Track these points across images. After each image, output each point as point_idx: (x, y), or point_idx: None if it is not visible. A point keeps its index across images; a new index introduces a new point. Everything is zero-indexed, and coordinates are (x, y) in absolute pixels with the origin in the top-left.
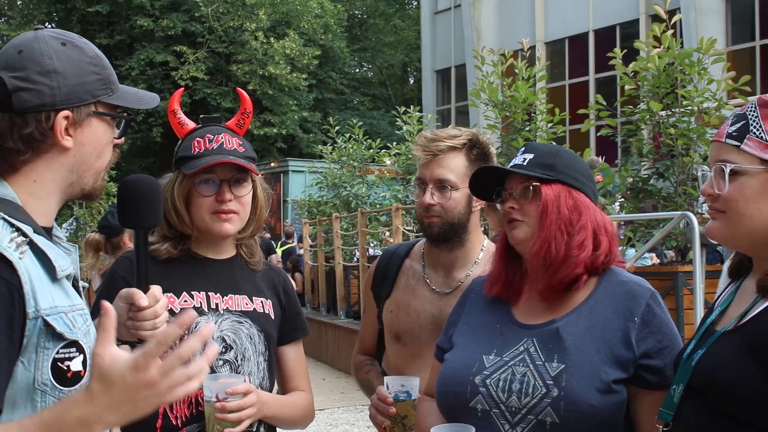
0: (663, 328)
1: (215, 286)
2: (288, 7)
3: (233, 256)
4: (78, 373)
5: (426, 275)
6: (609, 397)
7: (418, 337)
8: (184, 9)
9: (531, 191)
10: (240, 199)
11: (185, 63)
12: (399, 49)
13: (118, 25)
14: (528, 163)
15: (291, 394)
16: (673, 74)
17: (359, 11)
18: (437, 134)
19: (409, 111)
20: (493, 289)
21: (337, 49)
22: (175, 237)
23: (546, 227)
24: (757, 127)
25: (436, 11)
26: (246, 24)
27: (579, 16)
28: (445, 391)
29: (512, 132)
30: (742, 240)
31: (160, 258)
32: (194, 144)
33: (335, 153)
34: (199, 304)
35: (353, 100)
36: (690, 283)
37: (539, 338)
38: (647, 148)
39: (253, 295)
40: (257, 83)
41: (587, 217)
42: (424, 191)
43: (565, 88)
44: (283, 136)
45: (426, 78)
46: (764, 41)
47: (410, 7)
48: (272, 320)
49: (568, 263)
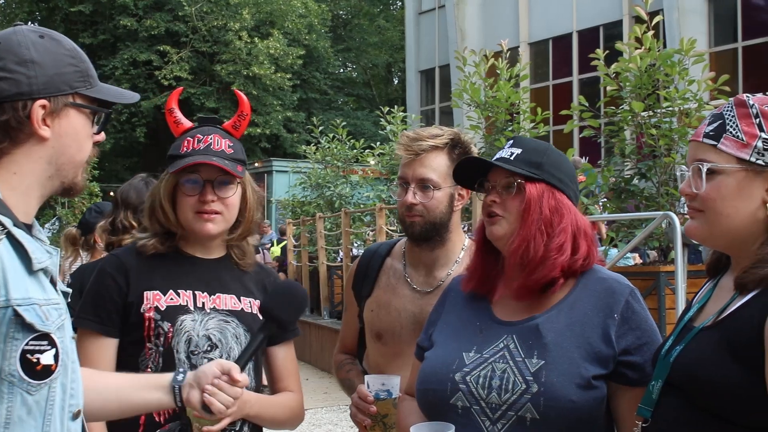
0: (642, 325)
1: (203, 284)
2: (272, 7)
3: (223, 256)
4: (48, 367)
5: (407, 274)
6: (589, 393)
7: (398, 336)
8: (167, 9)
9: (515, 187)
10: (225, 200)
11: (169, 63)
12: (383, 50)
13: (102, 24)
14: (515, 158)
15: (279, 394)
16: (654, 75)
17: (343, 11)
18: (419, 134)
19: (393, 111)
20: (469, 284)
21: (322, 49)
22: (162, 233)
23: (527, 226)
24: (733, 127)
25: (420, 11)
26: (230, 24)
27: (562, 17)
28: (425, 388)
29: (495, 132)
30: (720, 239)
31: (147, 253)
32: (184, 143)
33: (319, 153)
34: (185, 302)
35: (337, 100)
36: (672, 282)
37: (519, 335)
38: (629, 149)
39: (241, 294)
40: (241, 83)
41: (568, 219)
42: (407, 191)
43: (549, 89)
44: (267, 136)
45: (410, 78)
46: (747, 42)
47: (394, 7)
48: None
49: (545, 265)
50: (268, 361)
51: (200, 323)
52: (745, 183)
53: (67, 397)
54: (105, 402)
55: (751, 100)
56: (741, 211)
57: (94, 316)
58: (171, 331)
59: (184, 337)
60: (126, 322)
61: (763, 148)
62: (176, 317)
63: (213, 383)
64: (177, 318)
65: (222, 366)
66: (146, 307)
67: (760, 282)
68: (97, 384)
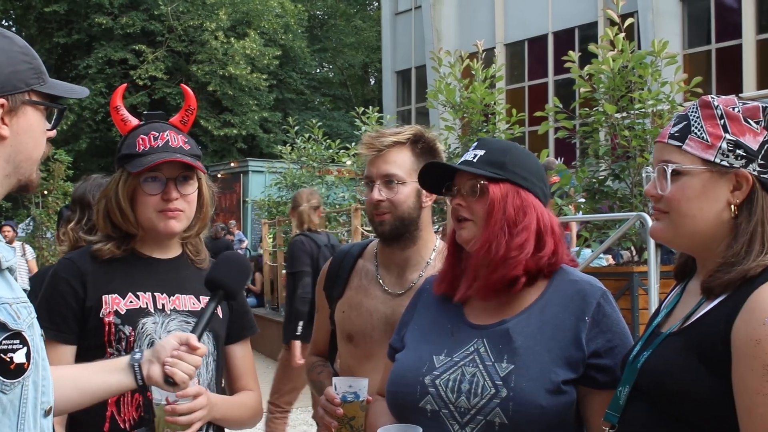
0: (614, 327)
1: (161, 286)
2: (248, 7)
3: (179, 255)
4: (21, 366)
5: (379, 275)
6: (558, 398)
7: (370, 338)
8: (143, 8)
9: (479, 190)
10: (186, 197)
11: (144, 62)
12: (360, 50)
13: (77, 23)
14: (478, 160)
15: (239, 394)
16: (627, 77)
17: (320, 11)
18: (381, 131)
19: (368, 112)
20: (441, 286)
21: (298, 50)
22: (119, 237)
23: (490, 227)
24: (698, 128)
25: (396, 12)
26: (206, 23)
27: (538, 18)
28: (395, 391)
29: (470, 133)
30: (684, 240)
31: (103, 258)
32: (138, 141)
33: (294, 153)
34: (145, 305)
35: (314, 100)
36: (645, 283)
37: (489, 339)
38: (603, 150)
39: (200, 294)
40: (217, 83)
41: (531, 217)
42: (372, 189)
43: (524, 90)
44: (243, 136)
45: (386, 79)
46: (720, 44)
47: (371, 8)
48: (220, 319)
49: (506, 264)
50: (226, 360)
51: (161, 325)
52: (709, 184)
53: (39, 394)
54: (63, 392)
55: (715, 101)
56: (706, 213)
57: (49, 323)
58: (133, 335)
59: (147, 340)
60: (84, 328)
61: (728, 149)
62: (137, 320)
63: (173, 354)
64: (138, 321)
65: (179, 337)
66: (105, 312)
67: (726, 286)
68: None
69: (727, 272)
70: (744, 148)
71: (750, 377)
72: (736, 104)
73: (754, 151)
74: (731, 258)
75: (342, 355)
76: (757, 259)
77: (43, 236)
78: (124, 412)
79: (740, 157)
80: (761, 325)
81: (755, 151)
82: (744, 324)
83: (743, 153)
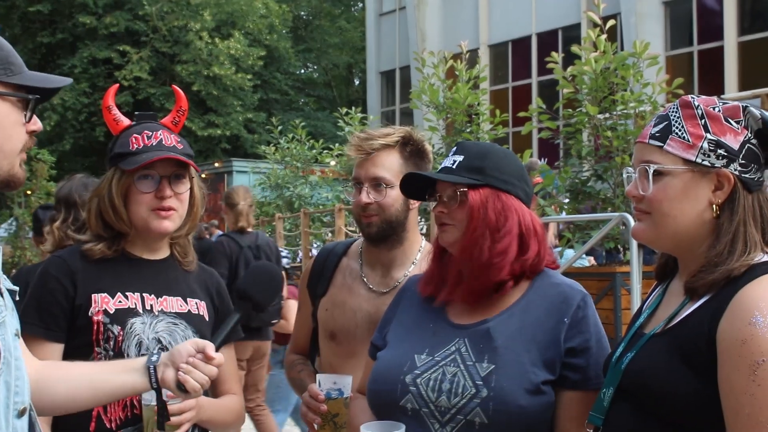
0: (591, 329)
1: (150, 286)
2: (233, 8)
3: (167, 257)
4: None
5: (363, 274)
6: (538, 398)
7: (353, 336)
8: (127, 8)
9: (458, 197)
10: (179, 196)
11: (129, 62)
12: (344, 51)
13: (60, 23)
14: (457, 166)
15: (223, 397)
16: (609, 78)
17: (304, 12)
18: (370, 133)
19: (350, 112)
20: (427, 288)
21: (282, 50)
22: (110, 237)
23: (470, 232)
24: (679, 128)
25: (381, 13)
26: (190, 24)
27: (522, 20)
28: (376, 389)
29: (454, 134)
30: (666, 241)
31: (94, 258)
32: (132, 140)
33: (278, 153)
34: (134, 305)
35: (298, 100)
36: (628, 283)
37: (470, 338)
38: (586, 151)
39: (187, 296)
40: (201, 84)
41: (513, 220)
42: (360, 191)
43: (508, 91)
44: (228, 136)
45: (371, 79)
46: (702, 46)
47: (356, 8)
48: (206, 322)
49: (491, 269)
50: None
51: (149, 326)
52: (691, 184)
53: (12, 395)
54: (77, 391)
55: (696, 101)
56: (688, 213)
57: (38, 321)
58: (121, 335)
59: (135, 340)
60: (72, 326)
61: (709, 149)
62: (126, 320)
63: (188, 361)
64: (127, 321)
65: (197, 344)
66: (95, 310)
67: (710, 287)
68: (68, 374)
69: (711, 273)
70: (725, 148)
71: (736, 378)
72: (716, 104)
73: (735, 150)
74: (714, 258)
75: (324, 354)
76: (741, 259)
77: (26, 236)
78: (111, 412)
79: (721, 157)
80: (746, 325)
81: (736, 150)
82: (729, 324)
83: (724, 153)
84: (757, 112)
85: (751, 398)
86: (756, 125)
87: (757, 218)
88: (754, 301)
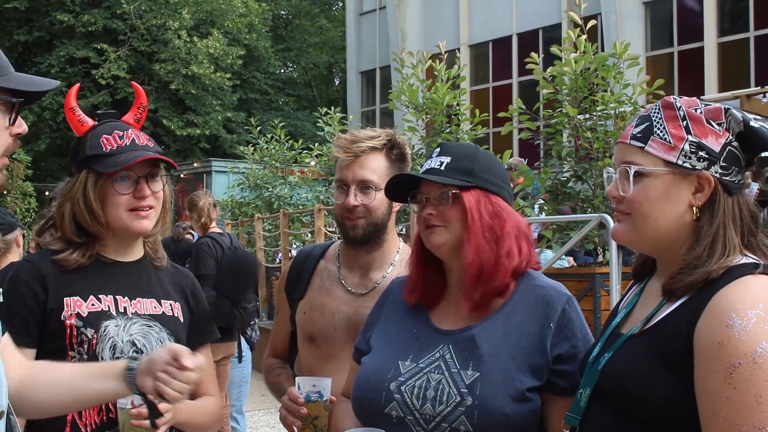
0: (577, 333)
1: (123, 289)
2: (212, 6)
3: (141, 258)
4: None
5: (341, 276)
6: (523, 406)
7: (332, 339)
8: (105, 6)
9: (450, 198)
10: (156, 194)
11: (106, 61)
12: (324, 50)
13: (37, 21)
14: (445, 167)
15: (200, 399)
16: (590, 78)
17: (284, 11)
18: (356, 135)
19: (330, 112)
20: (413, 296)
21: (262, 49)
22: (83, 243)
23: (473, 237)
24: (660, 129)
25: (361, 12)
26: (169, 22)
27: (502, 20)
28: (360, 396)
29: (433, 134)
30: (647, 242)
31: (69, 268)
32: (103, 142)
33: (257, 154)
34: (107, 308)
35: (278, 100)
36: (607, 284)
37: (455, 345)
38: (566, 151)
39: (161, 298)
40: (180, 82)
41: (511, 223)
42: (347, 193)
43: (489, 91)
44: (207, 136)
45: (351, 79)
46: (682, 47)
47: (336, 8)
48: (181, 323)
49: (499, 272)
50: None
51: (123, 329)
52: (672, 186)
53: None
54: (59, 395)
55: (678, 102)
56: (668, 215)
57: (9, 326)
58: (95, 338)
59: (109, 343)
60: (45, 331)
61: (690, 150)
62: (99, 323)
63: (164, 370)
64: (100, 324)
65: (172, 351)
66: (67, 314)
67: (688, 288)
68: (48, 377)
69: (690, 274)
70: (706, 150)
71: (712, 380)
72: (698, 105)
73: (716, 153)
74: (693, 260)
75: (302, 357)
76: (719, 262)
77: None
78: (86, 417)
79: (702, 159)
80: (723, 327)
81: (717, 153)
82: (706, 326)
83: (705, 155)
84: (739, 115)
85: (727, 401)
86: (737, 127)
87: (737, 221)
88: (731, 303)
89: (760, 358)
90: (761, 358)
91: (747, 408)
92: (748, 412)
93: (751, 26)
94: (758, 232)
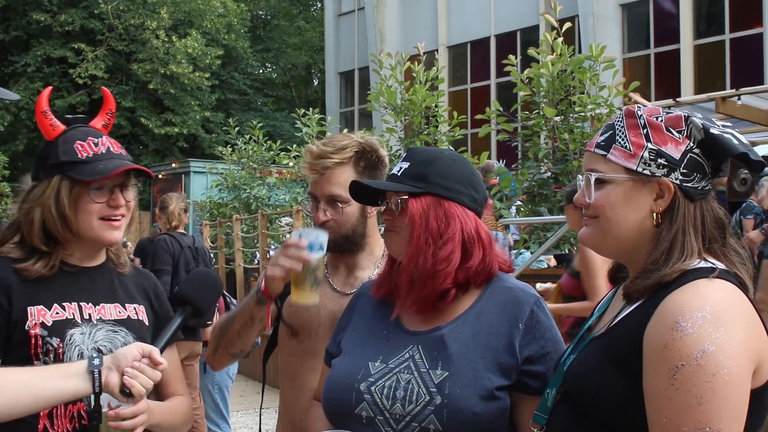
0: (546, 334)
1: (87, 295)
2: (190, 6)
3: (103, 263)
4: None
5: (328, 274)
6: (492, 404)
7: (315, 334)
8: (83, 5)
9: (400, 205)
10: (128, 203)
11: (84, 61)
12: (303, 51)
13: (14, 20)
14: (402, 173)
15: (170, 399)
16: (566, 81)
17: (263, 11)
18: (323, 150)
19: (308, 113)
20: (380, 290)
21: (241, 50)
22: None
23: (413, 242)
24: (622, 137)
25: (339, 13)
26: (147, 22)
27: (480, 21)
28: (330, 397)
29: (412, 135)
30: (610, 246)
31: (30, 278)
32: (77, 148)
33: (235, 154)
34: (72, 316)
35: (256, 100)
36: None
37: (424, 345)
38: (543, 153)
39: (125, 302)
40: (158, 82)
41: (455, 227)
42: (317, 208)
43: (467, 92)
44: (185, 135)
45: (330, 80)
46: (658, 49)
47: (314, 8)
48: (146, 326)
49: (435, 277)
50: None
51: (89, 336)
52: (632, 192)
53: None
54: (16, 398)
55: (640, 110)
56: (630, 219)
57: None
58: (61, 347)
59: (75, 351)
60: (9, 342)
61: (649, 158)
62: (65, 332)
63: (133, 366)
64: (66, 332)
65: (143, 349)
66: (31, 324)
67: (643, 292)
68: (5, 381)
69: (646, 278)
70: (666, 157)
71: (657, 381)
72: (659, 114)
73: (676, 160)
74: (651, 265)
75: (283, 352)
76: (674, 266)
77: None
78: (58, 425)
79: (662, 166)
80: (669, 329)
81: (677, 160)
82: (654, 329)
83: (665, 162)
84: (699, 122)
85: (669, 402)
86: (699, 135)
87: (698, 227)
88: (679, 306)
89: (703, 360)
90: (704, 360)
91: (688, 409)
92: (689, 413)
93: (726, 29)
94: (725, 238)
